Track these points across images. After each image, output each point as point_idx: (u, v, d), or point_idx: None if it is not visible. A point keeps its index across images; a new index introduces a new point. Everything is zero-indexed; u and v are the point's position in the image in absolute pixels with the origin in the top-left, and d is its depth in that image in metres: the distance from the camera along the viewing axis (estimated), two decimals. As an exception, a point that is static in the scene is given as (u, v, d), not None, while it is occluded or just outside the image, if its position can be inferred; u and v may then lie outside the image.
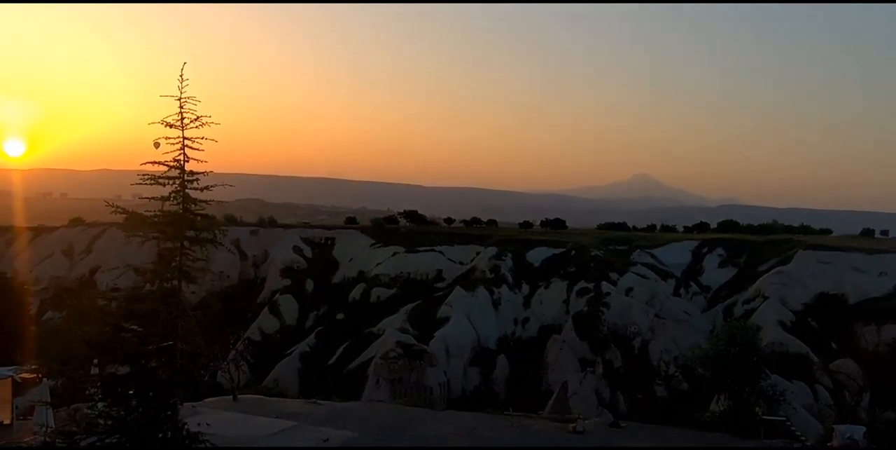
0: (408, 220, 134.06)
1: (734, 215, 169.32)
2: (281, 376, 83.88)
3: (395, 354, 76.73)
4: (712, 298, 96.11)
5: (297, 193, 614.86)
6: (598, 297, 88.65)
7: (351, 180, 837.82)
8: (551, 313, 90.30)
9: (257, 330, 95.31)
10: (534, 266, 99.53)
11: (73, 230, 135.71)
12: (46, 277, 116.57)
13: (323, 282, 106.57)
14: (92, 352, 19.47)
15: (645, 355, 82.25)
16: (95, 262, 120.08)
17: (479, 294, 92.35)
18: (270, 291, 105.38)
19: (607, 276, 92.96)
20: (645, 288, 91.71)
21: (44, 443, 25.07)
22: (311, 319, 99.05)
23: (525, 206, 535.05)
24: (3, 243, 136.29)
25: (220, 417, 29.14)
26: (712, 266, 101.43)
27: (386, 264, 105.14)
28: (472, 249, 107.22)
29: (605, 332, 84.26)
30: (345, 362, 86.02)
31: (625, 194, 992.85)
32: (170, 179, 16.92)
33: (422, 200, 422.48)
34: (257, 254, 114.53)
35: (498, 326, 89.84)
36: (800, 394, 66.06)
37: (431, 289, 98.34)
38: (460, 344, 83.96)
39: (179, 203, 17.01)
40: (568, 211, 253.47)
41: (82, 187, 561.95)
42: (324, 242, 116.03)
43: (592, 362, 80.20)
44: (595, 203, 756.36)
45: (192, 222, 17.20)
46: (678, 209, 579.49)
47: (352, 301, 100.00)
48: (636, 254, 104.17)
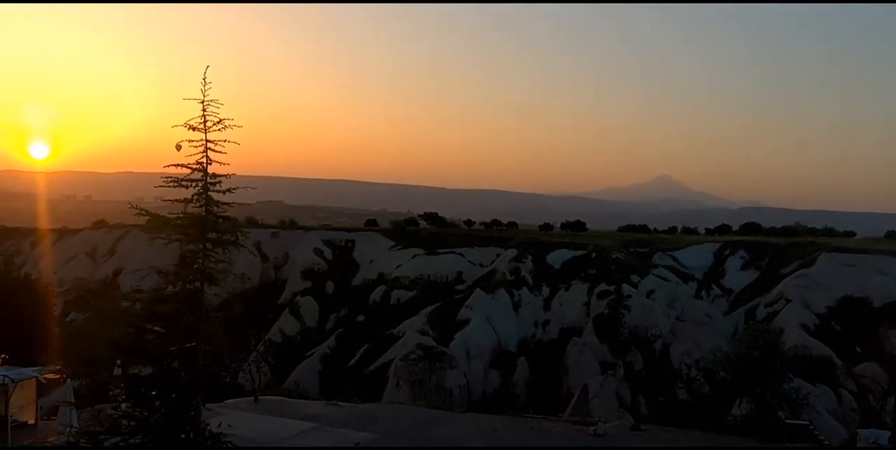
0: (428, 222, 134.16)
1: (756, 217, 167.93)
2: (301, 377, 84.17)
3: (415, 356, 76.77)
4: (734, 300, 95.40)
5: (317, 195, 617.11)
6: (619, 299, 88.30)
7: (371, 182, 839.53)
8: (571, 316, 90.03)
9: (278, 332, 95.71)
10: (554, 268, 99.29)
11: (97, 232, 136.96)
12: (70, 278, 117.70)
13: (343, 284, 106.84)
14: (115, 353, 19.66)
15: (666, 358, 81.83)
16: (118, 263, 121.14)
17: (499, 296, 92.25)
18: (291, 292, 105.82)
19: (628, 278, 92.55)
20: (666, 291, 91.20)
21: (68, 443, 25.34)
22: (332, 321, 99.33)
23: (545, 208, 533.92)
24: (28, 245, 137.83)
25: (241, 418, 29.31)
26: (734, 269, 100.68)
27: (406, 266, 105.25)
28: (493, 251, 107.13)
29: (625, 334, 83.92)
30: (365, 364, 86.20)
31: (646, 196, 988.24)
32: (193, 182, 17.06)
33: (442, 203, 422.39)
34: (278, 256, 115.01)
35: (518, 329, 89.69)
36: (823, 398, 65.45)
37: (451, 291, 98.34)
38: (480, 346, 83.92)
39: (202, 205, 17.14)
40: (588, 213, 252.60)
41: (106, 190, 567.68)
42: (344, 244, 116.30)
43: (613, 365, 79.88)
44: (616, 205, 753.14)
45: (215, 225, 17.33)
46: (700, 211, 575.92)
47: (372, 303, 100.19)
48: (657, 256, 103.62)
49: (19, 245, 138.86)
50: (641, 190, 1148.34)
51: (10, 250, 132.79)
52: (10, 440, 29.43)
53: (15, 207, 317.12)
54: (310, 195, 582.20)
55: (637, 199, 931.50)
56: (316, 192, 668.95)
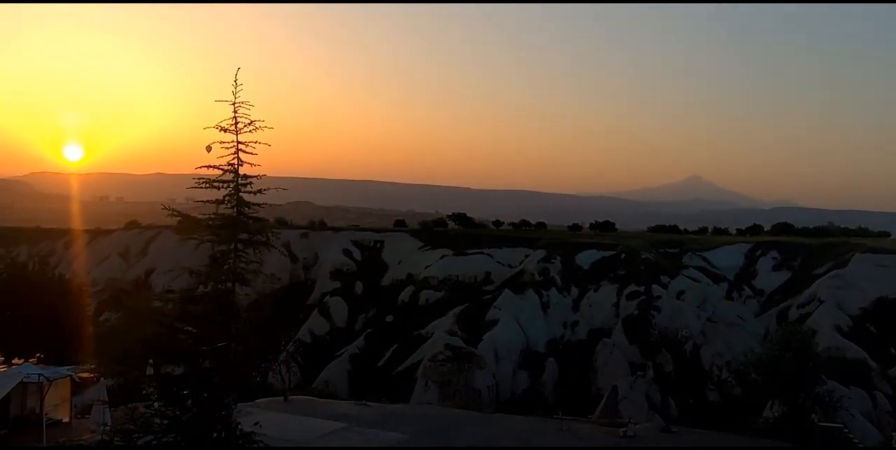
0: (456, 222, 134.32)
1: (788, 218, 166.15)
2: (331, 377, 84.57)
3: (443, 356, 76.85)
4: (766, 301, 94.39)
5: (346, 195, 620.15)
6: (649, 300, 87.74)
7: (400, 183, 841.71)
8: (601, 317, 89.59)
9: (307, 332, 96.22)
10: (583, 269, 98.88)
11: (129, 233, 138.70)
12: (103, 278, 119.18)
13: (372, 284, 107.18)
14: (148, 352, 19.87)
15: (697, 360, 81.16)
16: (150, 264, 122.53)
17: (527, 297, 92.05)
18: (320, 293, 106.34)
19: (658, 279, 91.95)
20: (696, 291, 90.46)
21: (102, 441, 25.63)
22: (361, 322, 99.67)
23: (574, 208, 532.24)
24: (62, 246, 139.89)
25: (271, 417, 29.51)
26: (766, 269, 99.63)
27: (434, 267, 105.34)
28: (521, 251, 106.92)
29: (655, 336, 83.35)
30: (394, 365, 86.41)
31: (676, 197, 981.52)
32: (224, 183, 17.19)
33: (470, 203, 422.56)
34: (307, 256, 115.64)
35: (547, 330, 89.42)
36: (857, 401, 64.50)
37: (480, 292, 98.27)
38: (509, 347, 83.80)
39: (233, 207, 17.28)
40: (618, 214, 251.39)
41: (138, 191, 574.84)
42: (373, 244, 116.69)
43: (643, 366, 79.35)
44: (646, 206, 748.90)
45: (246, 225, 17.46)
46: (731, 212, 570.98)
47: (401, 304, 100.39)
48: (688, 257, 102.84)
49: (53, 246, 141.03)
50: (672, 190, 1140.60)
51: (44, 251, 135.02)
52: (45, 438, 29.87)
53: (49, 209, 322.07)
54: (339, 196, 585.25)
55: (667, 199, 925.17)
56: (345, 192, 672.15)
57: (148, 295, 75.73)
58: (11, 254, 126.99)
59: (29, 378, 30.47)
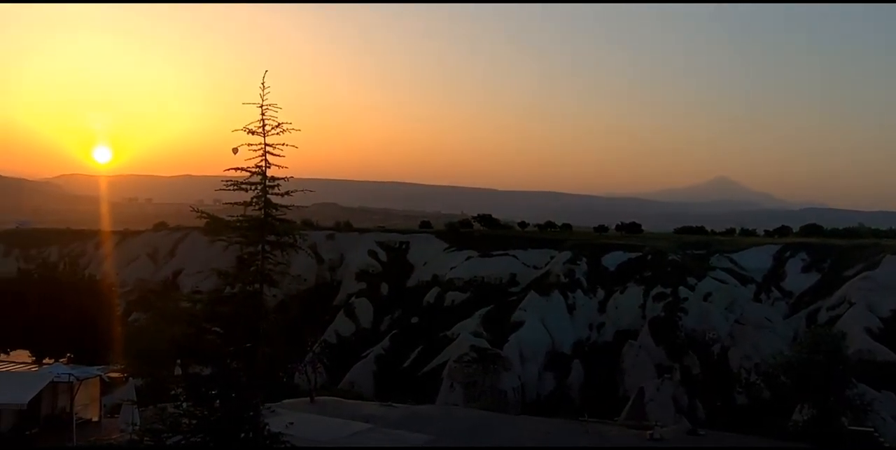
0: (482, 224, 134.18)
1: (818, 219, 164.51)
2: (356, 378, 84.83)
3: (469, 358, 76.83)
4: (795, 303, 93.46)
5: (372, 197, 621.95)
6: (676, 302, 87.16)
7: (425, 184, 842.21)
8: (627, 318, 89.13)
9: (333, 333, 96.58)
10: (609, 270, 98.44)
11: (158, 234, 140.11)
12: (132, 279, 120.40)
13: (397, 286, 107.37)
14: (176, 353, 20.07)
15: (724, 362, 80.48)
16: (179, 265, 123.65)
17: (553, 299, 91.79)
18: (346, 294, 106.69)
19: (685, 281, 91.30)
20: (724, 293, 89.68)
21: (131, 441, 25.91)
22: (386, 323, 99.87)
23: (600, 210, 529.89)
24: (92, 247, 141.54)
25: (297, 418, 29.67)
26: (795, 271, 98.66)
27: (460, 268, 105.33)
28: (547, 253, 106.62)
29: (682, 338, 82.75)
30: (419, 366, 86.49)
31: (703, 198, 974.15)
32: (252, 185, 17.32)
33: (496, 204, 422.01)
34: (333, 258, 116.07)
35: (573, 331, 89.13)
36: (889, 404, 63.57)
37: (505, 293, 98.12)
38: (535, 348, 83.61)
39: (261, 208, 17.40)
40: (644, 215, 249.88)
41: (166, 192, 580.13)
42: (398, 246, 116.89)
43: (670, 369, 78.83)
44: (672, 206, 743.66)
45: (273, 227, 17.58)
46: (758, 212, 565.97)
47: (426, 305, 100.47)
48: (715, 258, 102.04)
49: (84, 247, 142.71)
50: (698, 191, 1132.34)
51: (75, 252, 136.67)
52: (75, 437, 30.26)
53: (80, 210, 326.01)
54: (364, 197, 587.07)
55: (694, 200, 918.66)
56: (370, 194, 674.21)
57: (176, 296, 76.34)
58: (43, 255, 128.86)
59: (59, 378, 30.89)
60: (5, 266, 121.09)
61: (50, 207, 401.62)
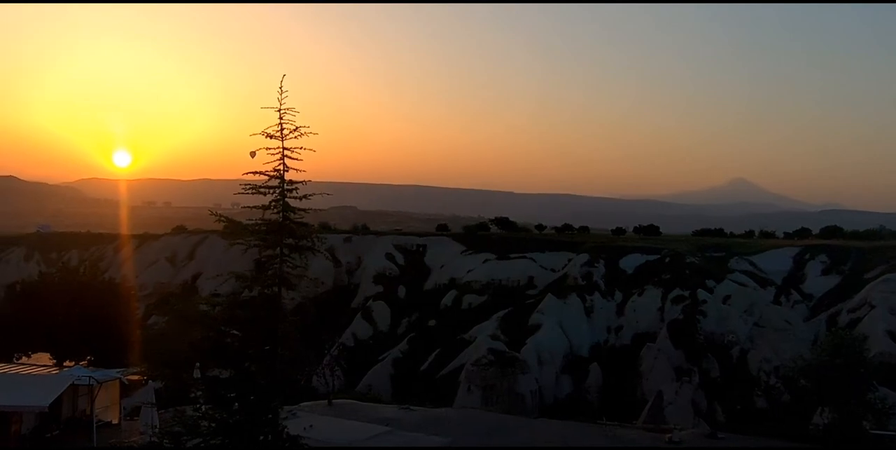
0: (499, 227, 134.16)
1: (837, 221, 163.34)
2: (374, 381, 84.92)
3: (486, 360, 76.74)
4: (815, 306, 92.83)
5: (389, 200, 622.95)
6: (695, 304, 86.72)
7: (442, 187, 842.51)
8: (645, 321, 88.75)
9: (351, 336, 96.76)
10: (627, 273, 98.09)
11: (177, 238, 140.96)
12: (151, 282, 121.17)
13: (415, 289, 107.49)
14: (195, 356, 20.14)
15: (744, 365, 79.99)
16: (197, 268, 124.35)
17: (571, 301, 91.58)
18: (364, 297, 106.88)
19: (703, 283, 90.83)
20: (743, 296, 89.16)
21: (150, 443, 26.04)
22: (404, 326, 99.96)
23: (618, 212, 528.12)
24: (112, 250, 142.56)
25: (315, 421, 29.72)
26: (815, 273, 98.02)
27: (477, 271, 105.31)
28: (564, 255, 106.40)
29: (701, 340, 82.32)
30: (437, 369, 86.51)
31: (721, 200, 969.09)
32: (270, 189, 17.40)
33: (513, 207, 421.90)
34: (351, 261, 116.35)
35: (590, 334, 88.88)
36: (910, 408, 63.03)
37: (523, 296, 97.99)
38: (552, 351, 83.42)
39: (279, 212, 17.47)
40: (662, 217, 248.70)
41: (185, 196, 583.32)
42: (415, 249, 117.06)
43: (689, 372, 78.42)
44: (690, 209, 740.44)
45: (292, 230, 17.64)
46: (777, 215, 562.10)
47: (443, 308, 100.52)
48: (734, 261, 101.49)
49: (104, 250, 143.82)
50: (717, 193, 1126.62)
51: (95, 255, 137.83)
52: (95, 439, 30.46)
53: (99, 214, 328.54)
54: (382, 200, 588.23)
55: (712, 202, 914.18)
56: (387, 197, 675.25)
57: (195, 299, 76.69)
58: (63, 258, 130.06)
59: (80, 380, 31.12)
60: (27, 270, 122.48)
61: (70, 210, 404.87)
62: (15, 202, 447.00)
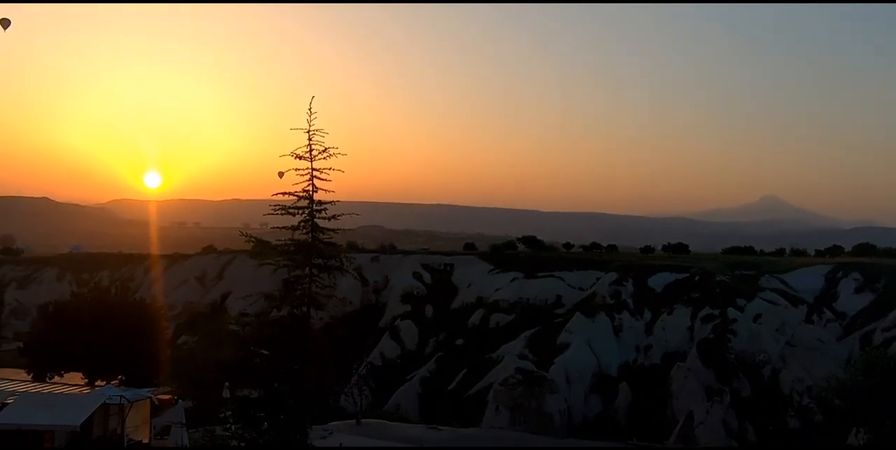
0: (526, 245, 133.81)
1: (869, 238, 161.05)
2: (402, 400, 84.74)
3: (514, 380, 76.37)
4: (848, 325, 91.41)
5: (416, 219, 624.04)
6: (725, 323, 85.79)
7: (469, 206, 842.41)
8: (675, 340, 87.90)
9: (379, 355, 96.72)
10: (656, 292, 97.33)
11: (206, 258, 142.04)
12: (181, 302, 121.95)
13: (442, 308, 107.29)
14: (224, 375, 20.29)
15: (776, 385, 78.87)
16: (226, 288, 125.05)
17: (599, 320, 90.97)
18: (391, 316, 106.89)
19: (734, 302, 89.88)
20: (774, 314, 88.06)
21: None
22: (431, 345, 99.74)
23: (646, 230, 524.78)
24: (142, 270, 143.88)
25: (344, 440, 29.75)
26: (848, 292, 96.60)
27: (505, 290, 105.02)
28: (592, 274, 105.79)
29: (732, 360, 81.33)
30: (464, 388, 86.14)
31: (751, 217, 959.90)
32: (299, 209, 17.56)
33: (540, 225, 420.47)
34: (378, 280, 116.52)
35: (619, 353, 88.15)
36: (948, 429, 61.78)
37: (551, 315, 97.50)
38: (581, 371, 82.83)
39: (308, 232, 17.62)
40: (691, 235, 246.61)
41: (214, 216, 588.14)
42: (443, 268, 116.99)
43: (719, 391, 77.45)
44: (720, 226, 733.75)
45: (320, 250, 17.78)
46: (809, 232, 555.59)
47: (471, 327, 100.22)
48: (764, 279, 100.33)
49: (134, 270, 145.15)
50: (747, 211, 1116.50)
51: (125, 275, 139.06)
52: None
53: (130, 234, 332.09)
54: (409, 220, 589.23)
55: (742, 220, 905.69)
56: (415, 216, 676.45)
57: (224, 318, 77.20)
58: (95, 278, 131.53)
59: (111, 400, 31.39)
60: (59, 290, 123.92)
61: (102, 231, 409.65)
62: (48, 223, 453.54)
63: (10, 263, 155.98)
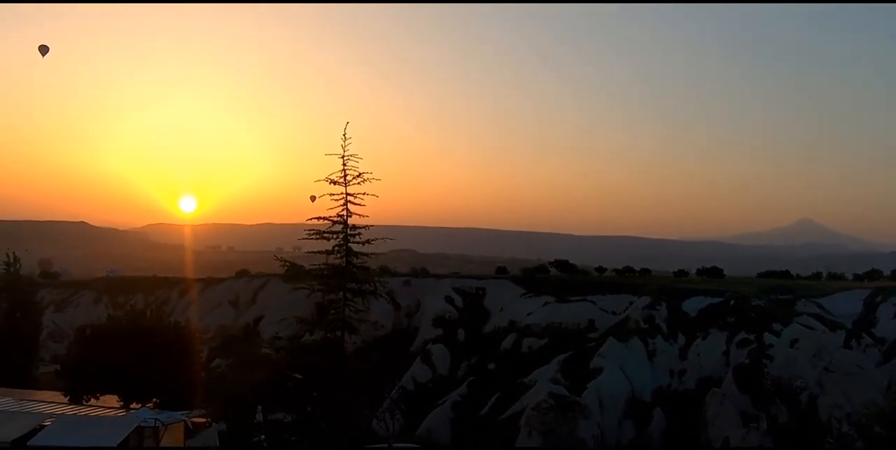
0: (558, 269, 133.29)
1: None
2: (434, 425, 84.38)
3: (547, 405, 75.86)
4: (888, 350, 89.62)
5: (447, 243, 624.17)
6: (761, 348, 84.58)
7: (500, 230, 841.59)
8: (710, 365, 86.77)
9: (410, 379, 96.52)
10: (690, 316, 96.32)
11: (239, 281, 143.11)
12: (215, 325, 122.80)
13: (474, 332, 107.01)
14: (257, 399, 20.45)
15: (814, 411, 77.44)
16: (259, 311, 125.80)
17: (633, 345, 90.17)
18: (423, 340, 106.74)
19: (770, 326, 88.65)
20: (812, 340, 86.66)
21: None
22: (463, 369, 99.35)
23: (679, 253, 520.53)
24: (177, 294, 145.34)
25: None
26: (887, 316, 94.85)
27: (537, 314, 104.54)
28: (625, 298, 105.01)
29: (768, 385, 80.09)
30: (497, 413, 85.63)
31: (787, 241, 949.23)
32: (333, 234, 17.77)
33: (572, 249, 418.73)
34: (410, 304, 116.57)
35: (653, 378, 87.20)
36: None
37: (584, 339, 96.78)
38: (614, 396, 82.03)
39: (342, 257, 17.80)
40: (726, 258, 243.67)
41: (247, 240, 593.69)
42: (474, 291, 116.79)
43: (756, 418, 76.25)
44: (755, 250, 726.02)
45: (354, 275, 17.94)
46: (846, 256, 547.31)
47: (503, 351, 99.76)
48: (801, 303, 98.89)
49: (169, 294, 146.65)
50: (782, 234, 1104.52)
51: (160, 299, 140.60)
52: (161, 481, 30.88)
53: (165, 258, 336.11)
54: (440, 243, 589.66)
55: (778, 243, 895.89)
56: (446, 240, 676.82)
57: (257, 342, 77.71)
58: (130, 301, 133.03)
59: (146, 423, 31.72)
60: (95, 313, 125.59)
61: (138, 255, 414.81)
62: (86, 247, 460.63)
63: (49, 287, 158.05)
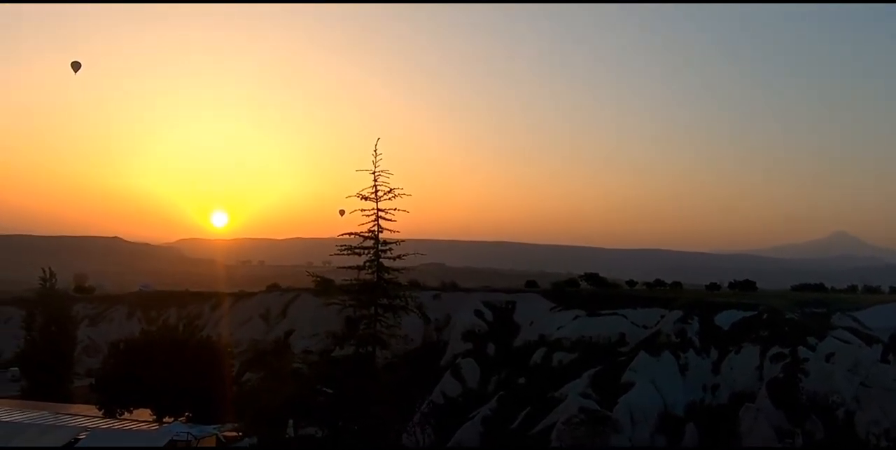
0: (588, 282, 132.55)
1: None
2: (464, 439, 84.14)
3: (577, 419, 75.41)
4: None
5: (477, 256, 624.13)
6: (795, 363, 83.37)
7: (530, 243, 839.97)
8: (743, 380, 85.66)
9: (440, 393, 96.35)
10: (722, 330, 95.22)
11: (270, 295, 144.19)
12: (246, 339, 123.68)
13: (504, 346, 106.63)
14: (288, 412, 20.58)
15: (850, 427, 76.14)
16: (290, 325, 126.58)
17: (664, 359, 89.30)
18: (452, 354, 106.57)
19: (804, 340, 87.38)
20: (848, 354, 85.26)
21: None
22: (493, 383, 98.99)
23: (711, 267, 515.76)
24: (209, 308, 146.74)
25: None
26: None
27: (567, 328, 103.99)
28: (657, 312, 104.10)
29: (803, 400, 78.90)
30: (527, 427, 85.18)
31: (821, 253, 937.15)
32: (365, 249, 17.90)
33: (602, 263, 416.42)
34: (440, 317, 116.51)
35: (685, 393, 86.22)
36: None
37: (614, 353, 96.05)
38: (646, 410, 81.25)
39: (374, 272, 17.92)
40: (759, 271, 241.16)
41: (278, 255, 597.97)
42: (504, 305, 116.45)
43: (791, 433, 75.13)
44: (789, 263, 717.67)
45: (385, 290, 18.03)
46: (882, 268, 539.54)
47: (533, 365, 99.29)
48: (836, 317, 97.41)
49: (201, 308, 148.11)
50: (816, 247, 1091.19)
51: (192, 313, 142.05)
52: (193, 495, 31.10)
53: (197, 273, 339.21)
54: (470, 257, 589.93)
55: (812, 256, 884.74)
56: (476, 254, 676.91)
57: (288, 356, 78.14)
58: (163, 316, 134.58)
59: (178, 436, 32.06)
60: (128, 327, 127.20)
61: (171, 269, 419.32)
62: (119, 262, 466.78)
63: (83, 301, 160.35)
